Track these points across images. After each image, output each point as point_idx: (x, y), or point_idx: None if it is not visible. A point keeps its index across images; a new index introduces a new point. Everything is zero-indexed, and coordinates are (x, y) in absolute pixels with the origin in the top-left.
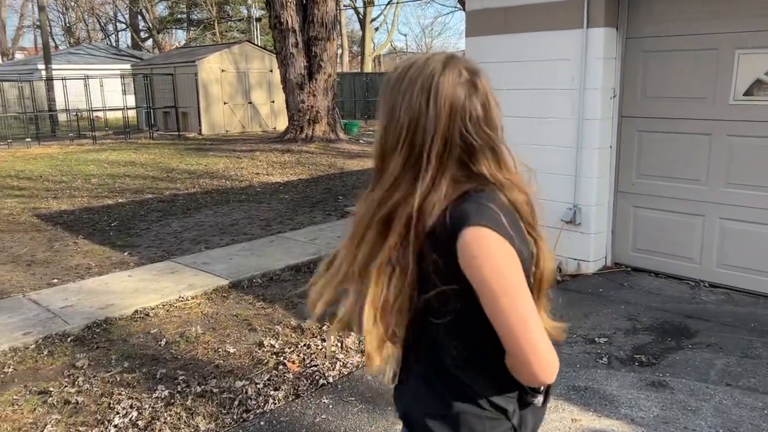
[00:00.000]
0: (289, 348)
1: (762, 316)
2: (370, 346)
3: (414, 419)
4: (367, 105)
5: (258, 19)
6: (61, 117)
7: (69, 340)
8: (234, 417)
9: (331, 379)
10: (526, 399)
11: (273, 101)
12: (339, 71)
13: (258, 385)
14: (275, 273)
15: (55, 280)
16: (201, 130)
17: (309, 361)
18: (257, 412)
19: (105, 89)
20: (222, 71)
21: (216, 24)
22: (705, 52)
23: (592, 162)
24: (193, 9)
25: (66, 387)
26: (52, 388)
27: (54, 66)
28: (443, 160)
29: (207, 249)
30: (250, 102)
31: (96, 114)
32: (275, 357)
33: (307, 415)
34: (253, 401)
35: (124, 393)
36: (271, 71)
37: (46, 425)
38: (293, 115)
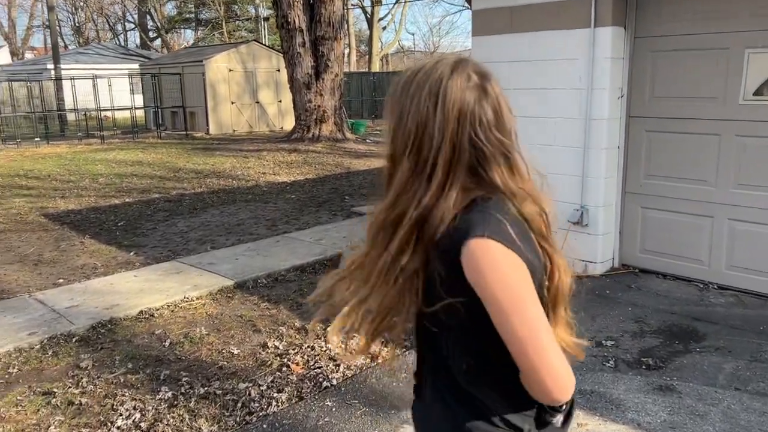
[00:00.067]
0: (293, 349)
1: None
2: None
3: None
4: (375, 104)
5: (266, 19)
6: (70, 117)
7: (74, 340)
8: (237, 419)
9: (335, 381)
10: (544, 418)
11: (280, 101)
12: (346, 70)
13: (261, 387)
14: (280, 273)
15: (61, 279)
16: (208, 129)
17: (313, 363)
18: (260, 414)
19: (113, 89)
20: (229, 71)
21: (224, 23)
22: (714, 51)
23: (599, 162)
24: (201, 8)
25: (70, 388)
26: (56, 389)
27: (63, 66)
28: (452, 166)
29: (213, 249)
30: (257, 101)
31: (104, 114)
32: (279, 358)
33: (310, 418)
34: (256, 403)
35: (127, 394)
36: (279, 71)
37: (49, 427)
38: (300, 115)
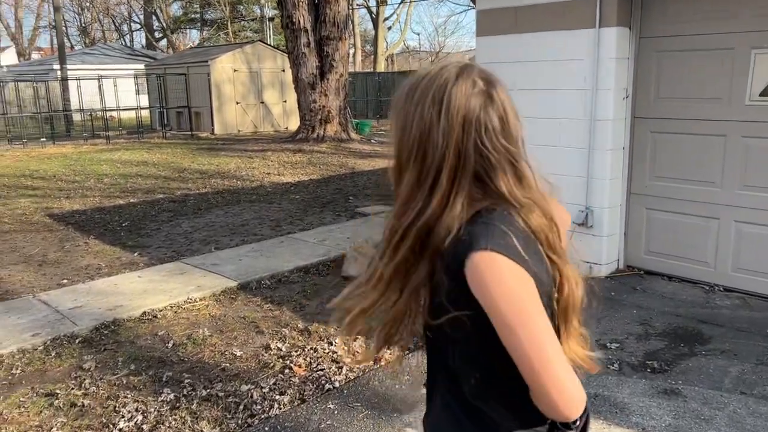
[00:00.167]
0: (296, 351)
1: None
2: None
3: None
4: (379, 104)
5: (271, 19)
6: (76, 117)
7: (77, 341)
8: (239, 422)
9: (338, 384)
10: None
11: (285, 101)
12: (351, 71)
13: (264, 390)
14: (284, 274)
15: (65, 280)
16: (213, 129)
17: (315, 365)
18: (262, 417)
19: (119, 89)
20: (234, 71)
21: (229, 24)
22: (720, 51)
23: (604, 163)
24: (207, 9)
25: (72, 389)
26: (58, 390)
27: (69, 66)
28: (457, 174)
29: (217, 250)
30: (262, 102)
31: (110, 114)
32: (282, 360)
33: (312, 421)
34: (259, 406)
35: (129, 396)
36: (284, 71)
37: (51, 428)
38: (305, 115)
